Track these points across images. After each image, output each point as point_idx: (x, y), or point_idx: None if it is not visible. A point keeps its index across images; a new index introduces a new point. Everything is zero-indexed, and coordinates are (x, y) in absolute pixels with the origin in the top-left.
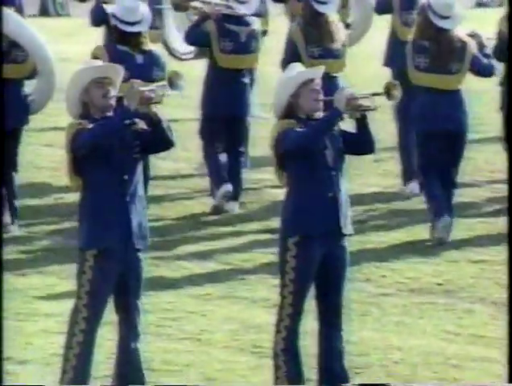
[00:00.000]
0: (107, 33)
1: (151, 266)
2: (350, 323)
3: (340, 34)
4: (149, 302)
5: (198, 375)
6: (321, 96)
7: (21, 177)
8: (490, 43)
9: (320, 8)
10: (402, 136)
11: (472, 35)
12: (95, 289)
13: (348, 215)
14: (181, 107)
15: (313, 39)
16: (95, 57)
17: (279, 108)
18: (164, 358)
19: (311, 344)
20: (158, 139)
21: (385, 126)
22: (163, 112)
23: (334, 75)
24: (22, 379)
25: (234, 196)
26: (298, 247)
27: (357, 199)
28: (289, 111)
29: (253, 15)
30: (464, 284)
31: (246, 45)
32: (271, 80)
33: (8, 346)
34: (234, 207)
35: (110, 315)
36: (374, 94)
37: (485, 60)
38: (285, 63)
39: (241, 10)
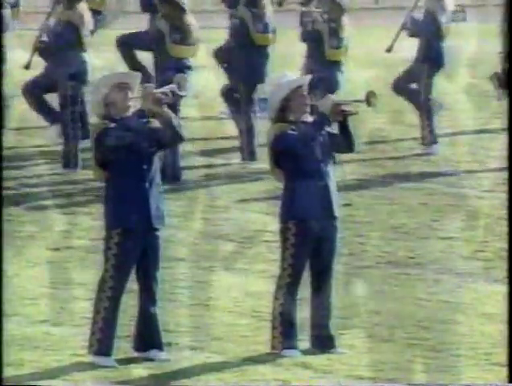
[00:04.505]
0: None
1: (166, 242)
2: (336, 291)
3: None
4: (165, 273)
5: (206, 336)
6: (308, 101)
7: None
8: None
9: None
10: None
11: None
12: (119, 263)
13: (337, 199)
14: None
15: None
16: None
17: (273, 111)
18: (177, 321)
19: (302, 309)
20: (170, 134)
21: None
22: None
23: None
24: (56, 339)
25: None
26: (296, 227)
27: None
28: (281, 113)
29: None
30: (433, 257)
31: None
32: None
33: (44, 311)
34: None
35: (132, 284)
36: (356, 101)
37: None
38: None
39: None
